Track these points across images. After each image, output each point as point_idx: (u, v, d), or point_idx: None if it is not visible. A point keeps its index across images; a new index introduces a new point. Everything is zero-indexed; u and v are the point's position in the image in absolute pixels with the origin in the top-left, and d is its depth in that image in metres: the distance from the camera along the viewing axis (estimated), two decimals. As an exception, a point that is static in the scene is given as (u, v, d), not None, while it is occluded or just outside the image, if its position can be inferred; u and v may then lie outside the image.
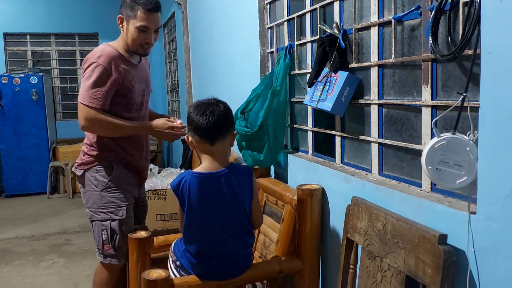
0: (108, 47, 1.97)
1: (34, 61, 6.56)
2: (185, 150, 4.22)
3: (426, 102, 1.31)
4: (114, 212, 2.00)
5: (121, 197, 2.02)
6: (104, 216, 2.00)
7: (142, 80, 2.09)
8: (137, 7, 1.91)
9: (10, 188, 5.81)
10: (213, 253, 1.61)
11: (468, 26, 1.08)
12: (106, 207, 2.00)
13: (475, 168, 1.08)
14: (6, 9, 6.39)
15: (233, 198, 1.58)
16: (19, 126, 5.71)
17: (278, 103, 2.07)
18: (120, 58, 1.97)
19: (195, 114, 1.56)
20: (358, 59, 1.64)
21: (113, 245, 2.00)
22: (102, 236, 2.00)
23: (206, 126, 1.53)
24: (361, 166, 1.68)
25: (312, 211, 1.72)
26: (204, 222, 1.59)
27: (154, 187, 3.27)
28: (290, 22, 2.19)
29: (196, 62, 4.24)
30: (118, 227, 2.00)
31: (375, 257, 1.35)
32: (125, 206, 2.02)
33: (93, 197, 2.02)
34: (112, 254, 2.02)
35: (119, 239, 2.00)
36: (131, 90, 2.00)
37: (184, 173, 1.62)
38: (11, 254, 3.71)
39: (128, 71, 1.99)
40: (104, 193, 2.01)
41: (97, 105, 1.88)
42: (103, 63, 1.89)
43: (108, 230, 1.99)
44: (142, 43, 1.98)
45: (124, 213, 2.01)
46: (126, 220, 2.02)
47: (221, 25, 3.22)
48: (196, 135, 1.56)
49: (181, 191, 1.57)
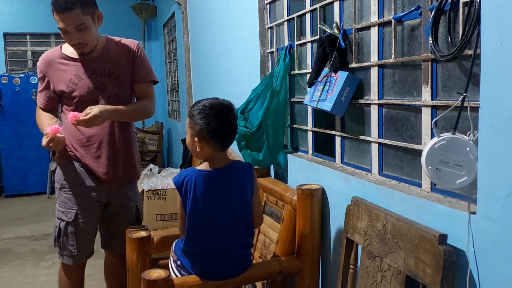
0: (54, 48, 2.08)
1: (34, 61, 6.57)
2: (185, 150, 4.22)
3: (426, 102, 1.31)
4: (64, 212, 2.02)
5: (73, 199, 2.02)
6: (58, 213, 2.05)
7: (98, 74, 2.00)
8: (52, 10, 1.85)
9: (10, 188, 5.81)
10: (215, 252, 1.60)
11: (468, 26, 1.08)
12: (61, 206, 2.04)
13: (475, 168, 1.08)
14: (6, 9, 6.39)
15: (238, 195, 1.58)
16: (19, 126, 5.70)
17: (278, 103, 2.07)
18: (59, 57, 2.00)
19: (215, 119, 1.50)
20: (358, 59, 1.64)
21: (58, 244, 2.04)
22: (55, 232, 2.06)
23: (225, 134, 1.53)
24: (361, 166, 1.68)
25: (312, 211, 1.72)
26: (209, 220, 1.57)
27: (154, 187, 3.27)
28: (290, 22, 2.19)
29: (196, 62, 4.24)
30: (64, 229, 2.01)
31: (375, 257, 1.35)
32: (76, 209, 2.01)
33: (56, 192, 2.10)
34: (59, 252, 2.06)
35: (64, 241, 2.02)
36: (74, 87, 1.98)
37: (186, 170, 1.59)
38: (11, 254, 3.71)
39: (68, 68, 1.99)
40: (61, 192, 2.04)
41: (39, 103, 2.09)
42: (39, 65, 2.05)
43: (57, 229, 2.03)
44: (71, 44, 1.95)
45: (72, 216, 2.00)
46: (73, 224, 2.01)
47: (221, 25, 3.22)
48: (212, 140, 1.52)
49: (185, 187, 1.55)
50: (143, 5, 6.77)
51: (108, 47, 2.05)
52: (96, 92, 1.99)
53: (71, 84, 1.98)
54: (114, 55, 2.05)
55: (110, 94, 2.02)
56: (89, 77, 1.99)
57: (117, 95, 2.03)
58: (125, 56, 2.07)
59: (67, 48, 2.02)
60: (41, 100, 2.06)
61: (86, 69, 1.99)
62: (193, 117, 1.53)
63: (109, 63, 2.02)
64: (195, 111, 1.53)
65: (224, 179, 1.57)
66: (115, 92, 2.03)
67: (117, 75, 2.03)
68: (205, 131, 1.50)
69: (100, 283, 2.53)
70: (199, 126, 1.51)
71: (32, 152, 5.79)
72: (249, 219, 1.63)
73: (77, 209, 2.01)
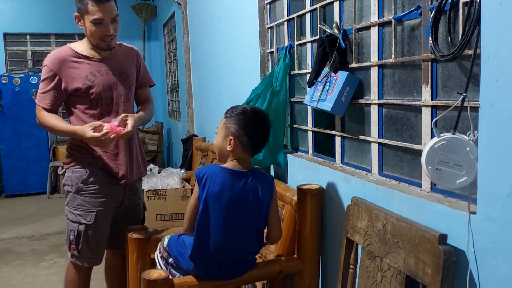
0: (62, 47, 2.03)
1: (34, 61, 6.56)
2: (185, 150, 4.22)
3: (426, 102, 1.31)
4: (82, 216, 1.99)
5: (92, 201, 2.00)
6: (73, 217, 2.01)
7: (111, 73, 2.03)
8: (86, 1, 1.89)
9: (10, 188, 5.81)
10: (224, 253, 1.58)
11: (468, 26, 1.08)
12: (77, 209, 2.00)
13: (475, 168, 1.08)
14: (6, 9, 6.38)
15: (255, 201, 1.59)
16: (19, 126, 5.70)
17: (278, 103, 2.07)
18: (71, 55, 1.98)
19: (255, 123, 1.57)
20: (358, 59, 1.64)
21: (77, 247, 2.01)
22: (70, 236, 2.02)
23: (260, 140, 1.59)
24: (361, 166, 1.68)
25: (312, 211, 1.72)
26: (224, 218, 1.56)
27: (154, 187, 3.26)
28: (290, 22, 2.19)
29: (196, 62, 4.24)
30: (84, 232, 1.99)
31: (375, 257, 1.35)
32: (95, 211, 2.00)
33: (69, 196, 2.04)
34: (76, 256, 2.03)
35: (83, 244, 2.00)
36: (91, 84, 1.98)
37: (210, 165, 1.63)
38: (11, 254, 3.70)
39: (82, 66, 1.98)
40: (77, 195, 2.00)
41: (44, 104, 1.99)
42: (49, 65, 1.98)
43: (75, 232, 2.00)
44: (101, 36, 1.96)
45: (92, 219, 1.99)
46: (93, 226, 2.00)
47: (221, 25, 3.22)
48: (247, 141, 1.56)
49: (205, 180, 1.56)
50: (143, 5, 6.77)
51: (116, 48, 2.10)
52: (110, 91, 2.03)
53: (87, 81, 1.98)
54: (122, 57, 2.11)
55: (122, 93, 2.07)
56: (104, 75, 2.02)
57: (127, 94, 2.09)
58: (130, 60, 2.14)
59: (77, 46, 2.02)
60: (47, 100, 2.00)
61: (100, 67, 2.02)
62: (232, 117, 1.58)
63: (118, 64, 2.08)
64: (234, 112, 1.59)
65: (244, 182, 1.57)
66: (126, 91, 2.08)
67: (126, 76, 2.10)
68: (244, 132, 1.55)
69: (100, 283, 2.53)
70: (238, 126, 1.56)
71: (32, 152, 5.79)
72: (262, 228, 1.64)
73: (97, 211, 2.00)
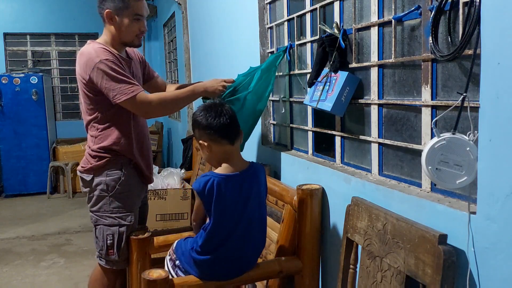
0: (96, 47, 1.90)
1: (34, 61, 6.56)
2: (185, 150, 4.22)
3: (426, 102, 1.31)
4: (122, 217, 1.97)
5: (130, 202, 1.99)
6: (112, 221, 1.97)
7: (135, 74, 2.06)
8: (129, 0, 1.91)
9: (10, 188, 5.81)
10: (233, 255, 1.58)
11: (468, 26, 1.08)
12: (115, 212, 1.97)
13: (475, 168, 1.08)
14: (6, 9, 6.39)
15: (259, 197, 1.60)
16: (19, 126, 5.71)
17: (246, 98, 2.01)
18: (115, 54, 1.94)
19: (210, 117, 1.52)
20: (358, 59, 1.64)
21: (117, 251, 1.97)
22: (107, 241, 1.97)
23: (226, 124, 1.52)
24: (361, 166, 1.68)
25: (312, 211, 1.72)
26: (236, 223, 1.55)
27: (154, 187, 3.26)
28: (290, 22, 2.19)
29: (196, 62, 4.24)
30: (125, 233, 1.98)
31: (375, 257, 1.35)
32: (133, 211, 2.00)
33: (101, 201, 1.97)
34: (115, 260, 1.99)
35: (124, 246, 1.98)
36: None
37: (205, 175, 1.56)
38: (11, 254, 3.71)
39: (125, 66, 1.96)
40: (113, 198, 1.96)
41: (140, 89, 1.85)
42: (109, 57, 1.85)
43: (115, 235, 1.96)
44: (137, 33, 1.97)
45: (133, 219, 1.99)
46: (133, 226, 2.01)
47: (221, 25, 3.22)
48: (218, 136, 1.53)
49: (208, 193, 1.51)
50: (143, 5, 6.77)
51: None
52: None
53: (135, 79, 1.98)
54: (137, 60, 2.15)
55: None
56: (135, 76, 2.04)
57: None
58: (138, 62, 2.17)
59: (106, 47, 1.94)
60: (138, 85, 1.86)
61: (129, 68, 2.02)
62: (194, 127, 1.58)
63: (135, 65, 2.11)
64: (192, 122, 1.58)
65: (247, 182, 1.57)
66: None
67: (139, 77, 2.13)
68: (203, 128, 1.54)
69: (100, 283, 2.53)
70: (200, 127, 1.55)
71: (32, 152, 5.80)
72: (264, 227, 1.65)
73: (135, 211, 2.01)
